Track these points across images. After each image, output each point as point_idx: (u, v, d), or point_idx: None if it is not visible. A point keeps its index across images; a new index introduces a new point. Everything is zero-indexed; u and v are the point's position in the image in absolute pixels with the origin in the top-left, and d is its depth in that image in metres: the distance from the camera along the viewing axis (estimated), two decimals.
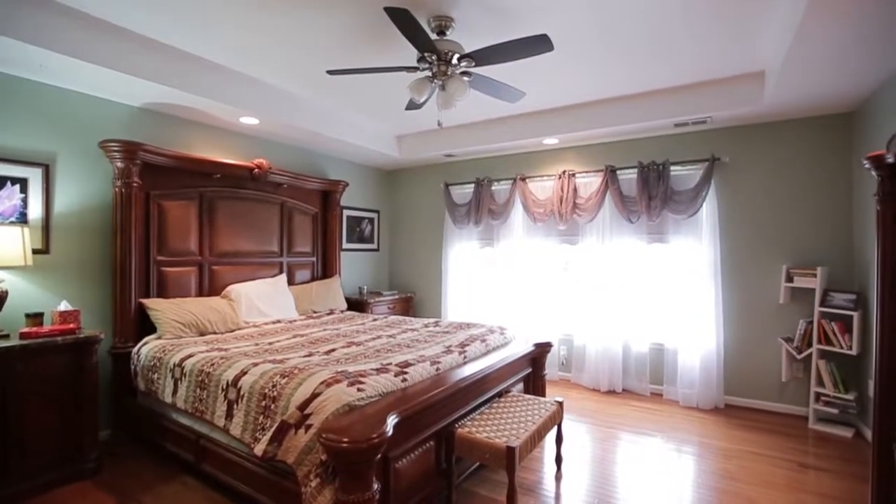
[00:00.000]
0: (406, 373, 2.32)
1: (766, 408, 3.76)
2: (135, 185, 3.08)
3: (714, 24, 2.64)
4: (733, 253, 3.89)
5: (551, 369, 4.58)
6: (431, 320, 3.88)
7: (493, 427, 2.32)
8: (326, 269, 4.87)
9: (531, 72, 3.28)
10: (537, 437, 2.35)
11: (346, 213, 5.33)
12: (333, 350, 2.76)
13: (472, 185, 5.12)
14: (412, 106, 3.15)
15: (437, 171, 5.54)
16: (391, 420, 1.80)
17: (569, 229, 4.60)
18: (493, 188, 5.01)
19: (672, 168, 4.00)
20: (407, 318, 4.05)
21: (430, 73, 2.60)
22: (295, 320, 3.94)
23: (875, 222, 1.68)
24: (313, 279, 4.74)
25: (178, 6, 2.46)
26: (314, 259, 4.79)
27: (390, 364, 2.41)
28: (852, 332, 3.19)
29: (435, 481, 2.24)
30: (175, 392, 2.59)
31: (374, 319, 4.03)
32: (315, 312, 4.34)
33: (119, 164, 3.03)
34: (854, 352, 3.18)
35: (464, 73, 2.66)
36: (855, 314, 3.17)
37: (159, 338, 3.02)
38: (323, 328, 3.55)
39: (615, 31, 2.72)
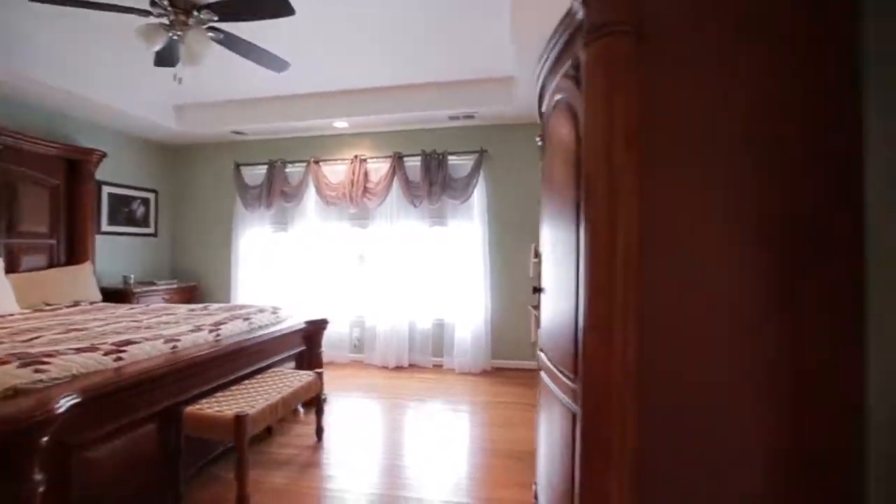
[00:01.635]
0: (123, 351, 2.03)
1: (522, 366, 4.43)
2: None
3: (469, 30, 2.99)
4: (498, 234, 4.47)
5: (343, 352, 4.62)
6: (200, 305, 3.53)
7: (235, 402, 2.20)
8: (73, 254, 4.03)
9: (317, 50, 3.25)
10: (282, 407, 2.31)
11: (109, 190, 4.52)
12: (38, 338, 2.27)
13: (266, 167, 4.84)
14: (161, 62, 2.81)
15: (226, 149, 5.09)
16: (66, 400, 1.55)
17: (360, 213, 4.70)
18: (286, 170, 4.82)
19: (449, 157, 4.41)
20: (172, 305, 3.61)
21: (166, 21, 2.34)
22: (11, 315, 3.14)
23: None
24: (52, 265, 3.88)
25: None
26: (54, 242, 3.92)
27: (104, 344, 2.09)
28: None
29: (158, 470, 2.02)
30: None
31: (131, 308, 3.48)
32: (49, 305, 3.55)
33: None
34: None
35: (211, 29, 2.47)
36: None
37: None
38: (44, 320, 2.91)
39: (387, 20, 2.87)
